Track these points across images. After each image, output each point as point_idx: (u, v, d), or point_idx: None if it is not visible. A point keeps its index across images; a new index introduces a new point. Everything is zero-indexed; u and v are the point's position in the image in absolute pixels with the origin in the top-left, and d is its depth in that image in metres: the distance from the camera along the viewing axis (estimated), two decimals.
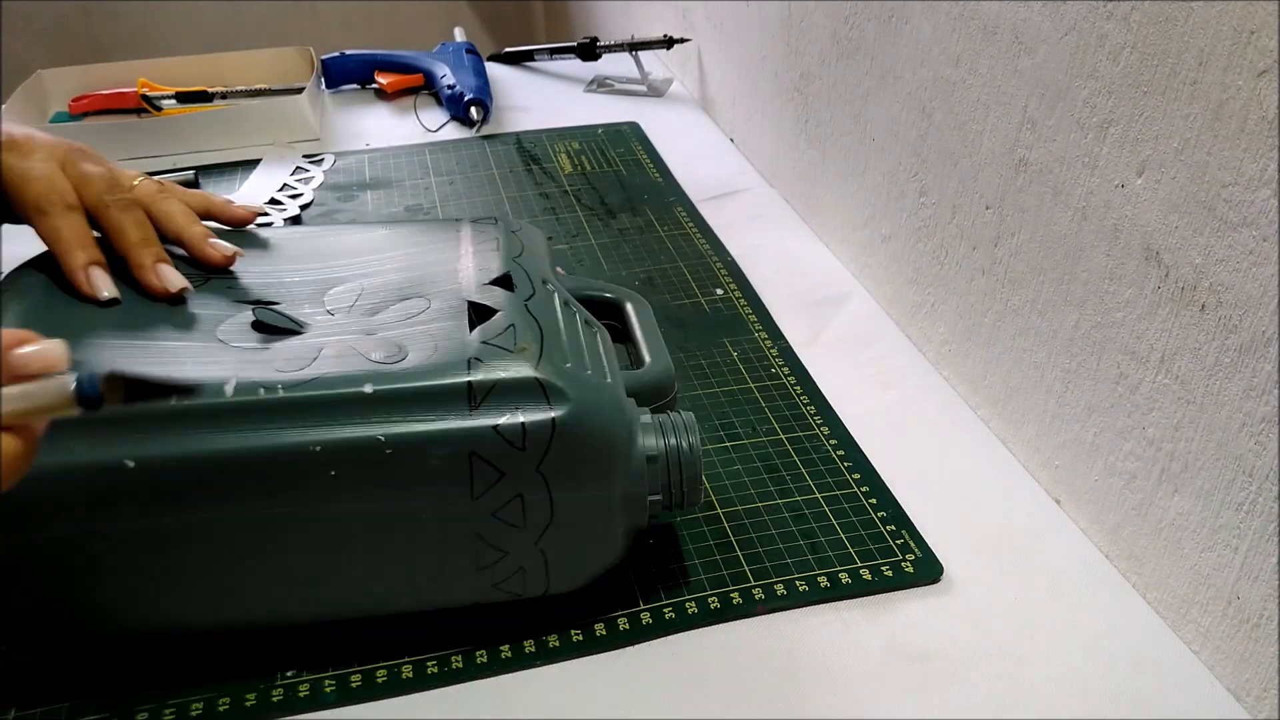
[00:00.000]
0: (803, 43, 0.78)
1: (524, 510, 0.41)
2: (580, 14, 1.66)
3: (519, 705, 0.43)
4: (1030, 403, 0.56)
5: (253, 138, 0.94)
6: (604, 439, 0.42)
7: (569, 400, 0.41)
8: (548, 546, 0.42)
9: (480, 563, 0.42)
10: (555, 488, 0.41)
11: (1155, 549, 0.48)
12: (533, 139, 0.98)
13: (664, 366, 0.53)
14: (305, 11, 1.86)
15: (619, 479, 0.43)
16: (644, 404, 0.48)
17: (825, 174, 0.78)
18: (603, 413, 0.42)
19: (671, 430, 0.45)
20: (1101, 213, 0.48)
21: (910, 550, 0.50)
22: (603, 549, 0.44)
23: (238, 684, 0.43)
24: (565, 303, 0.48)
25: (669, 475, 0.44)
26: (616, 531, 0.44)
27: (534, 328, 0.44)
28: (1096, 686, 0.44)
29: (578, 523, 0.42)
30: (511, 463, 0.40)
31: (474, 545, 0.42)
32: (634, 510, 0.44)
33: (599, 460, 0.42)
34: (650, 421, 0.45)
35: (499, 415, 0.40)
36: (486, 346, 0.42)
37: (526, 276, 0.48)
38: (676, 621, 0.47)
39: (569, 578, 0.44)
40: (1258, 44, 0.38)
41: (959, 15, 0.57)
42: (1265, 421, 0.40)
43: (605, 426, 0.42)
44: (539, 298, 0.47)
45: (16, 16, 1.69)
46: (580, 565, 0.44)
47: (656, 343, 0.55)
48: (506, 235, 0.53)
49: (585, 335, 0.46)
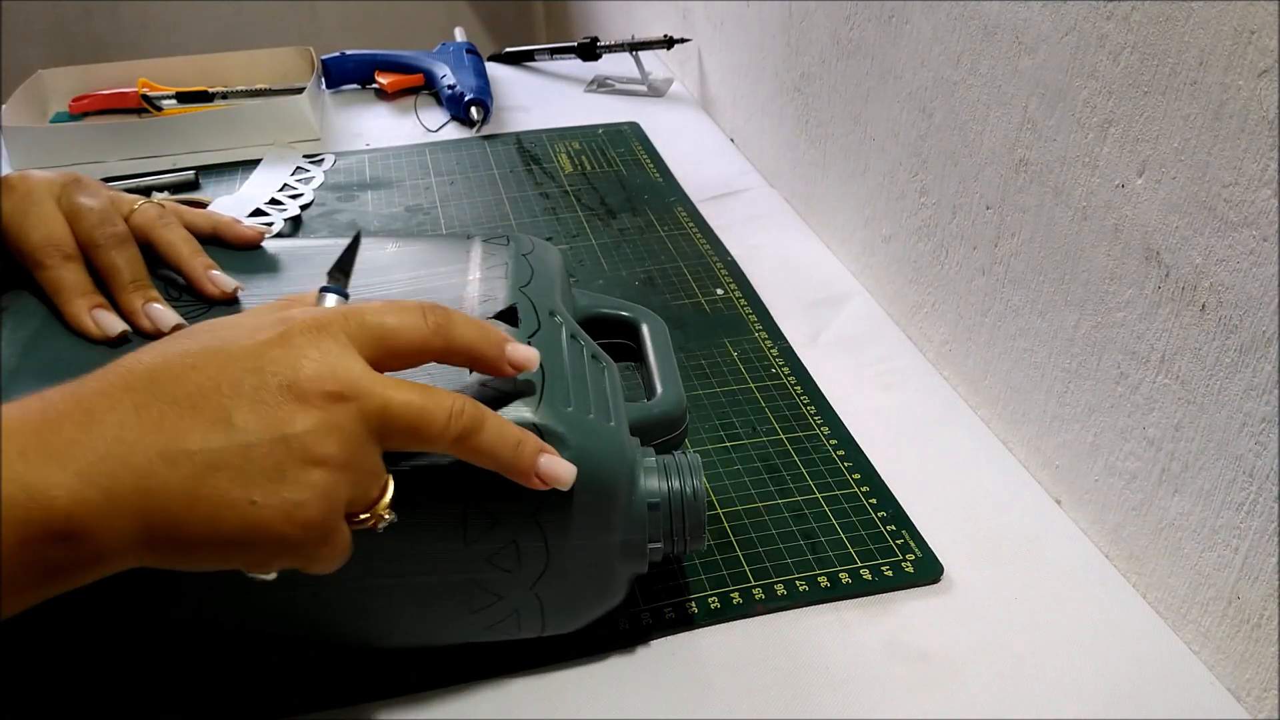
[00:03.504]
0: (803, 43, 0.78)
1: (519, 556, 0.40)
2: (580, 14, 1.66)
3: (519, 705, 0.43)
4: (1030, 403, 0.56)
5: (253, 138, 0.94)
6: (603, 486, 0.40)
7: (568, 446, 0.39)
8: (543, 591, 0.41)
9: (473, 606, 0.41)
10: (551, 535, 0.40)
11: (1155, 549, 0.48)
12: (533, 139, 0.98)
13: (675, 398, 0.50)
14: (305, 11, 1.86)
15: (618, 526, 0.41)
16: (654, 437, 0.47)
17: (825, 174, 0.78)
18: (603, 459, 0.40)
19: (676, 473, 0.43)
20: (1102, 213, 0.48)
21: (910, 550, 0.50)
22: (601, 594, 0.43)
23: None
24: (573, 336, 0.46)
25: (671, 522, 0.43)
26: (616, 577, 0.43)
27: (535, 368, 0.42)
28: (1096, 686, 0.44)
29: (575, 569, 0.41)
30: (505, 509, 0.39)
31: (467, 589, 0.41)
32: (634, 557, 0.42)
33: (597, 508, 0.40)
34: (654, 464, 0.43)
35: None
36: (485, 389, 0.40)
37: (533, 309, 0.46)
38: (676, 621, 0.47)
39: (565, 621, 0.43)
40: (1258, 44, 0.38)
41: (959, 15, 0.57)
42: (1265, 421, 0.40)
43: (605, 474, 0.40)
44: (544, 333, 0.44)
45: (16, 16, 1.69)
46: (577, 609, 0.43)
47: (670, 369, 0.52)
48: (516, 260, 0.50)
49: (591, 372, 0.44)
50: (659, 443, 0.48)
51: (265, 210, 0.83)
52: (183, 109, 1.00)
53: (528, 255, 0.51)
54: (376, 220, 0.83)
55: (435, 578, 0.40)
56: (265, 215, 0.82)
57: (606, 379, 0.45)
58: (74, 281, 0.45)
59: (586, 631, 0.45)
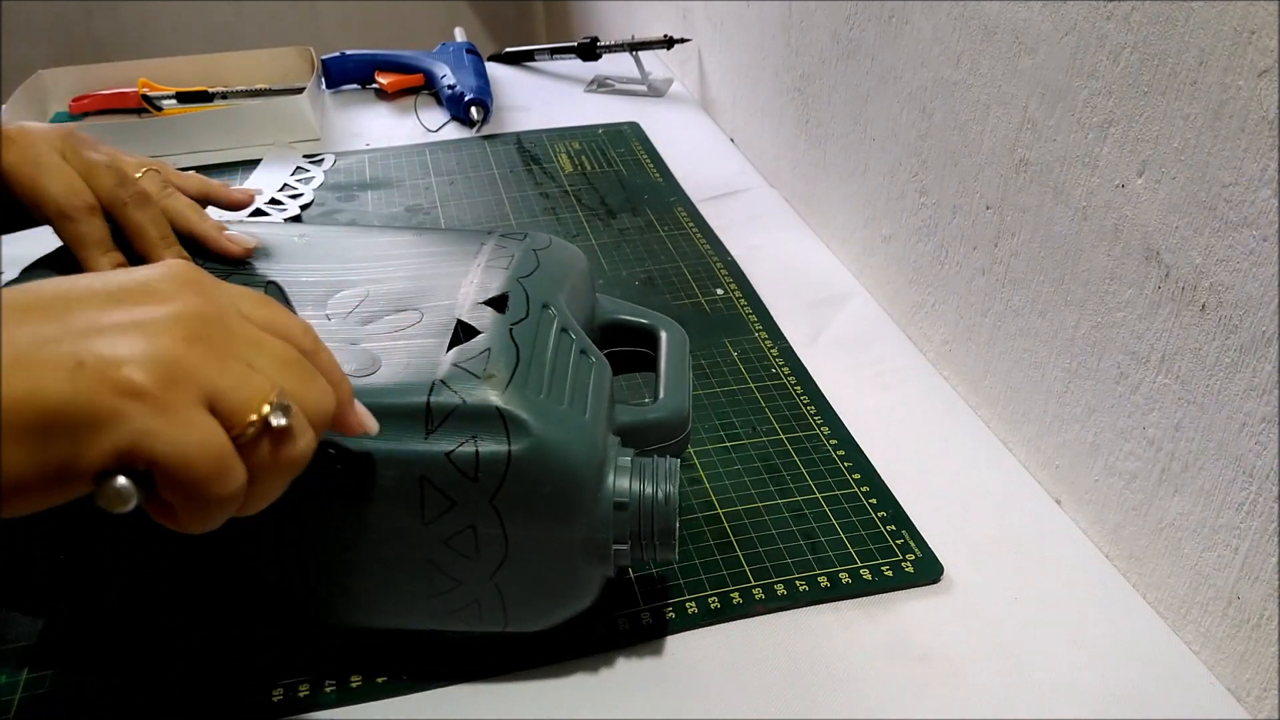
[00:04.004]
0: (803, 43, 0.78)
1: (476, 542, 0.39)
2: (580, 14, 1.66)
3: (519, 705, 0.43)
4: (1030, 403, 0.56)
5: (253, 138, 0.94)
6: (566, 478, 0.39)
7: (530, 434, 0.38)
8: (503, 583, 0.40)
9: (435, 589, 0.41)
10: (509, 523, 0.39)
11: (1155, 549, 0.48)
12: (533, 139, 0.98)
13: (676, 407, 0.48)
14: (305, 11, 1.86)
15: (580, 522, 0.40)
16: (650, 442, 0.46)
17: (825, 174, 0.78)
18: (569, 450, 0.39)
19: (650, 476, 0.42)
20: (1102, 213, 0.48)
21: (910, 550, 0.50)
22: (566, 592, 0.42)
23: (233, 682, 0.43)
24: (564, 329, 0.45)
25: (639, 525, 0.41)
26: (581, 576, 0.42)
27: (511, 354, 0.42)
28: (1096, 686, 0.44)
29: (535, 562, 0.40)
30: (463, 492, 0.38)
31: (427, 570, 0.40)
32: (598, 557, 0.41)
33: (558, 500, 0.39)
34: (628, 464, 0.42)
35: (453, 442, 0.38)
36: (456, 369, 0.40)
37: (525, 298, 0.46)
38: (676, 621, 0.47)
39: (529, 618, 0.42)
40: (1258, 44, 0.38)
41: (959, 15, 0.57)
42: (1265, 421, 0.40)
43: (569, 465, 0.39)
44: (530, 322, 0.44)
45: (16, 16, 1.69)
46: (542, 608, 0.42)
47: (679, 380, 0.50)
48: (524, 253, 0.50)
49: (577, 366, 0.44)
50: (655, 448, 0.47)
51: (265, 210, 0.83)
52: (183, 109, 1.00)
53: (539, 251, 0.51)
54: (376, 220, 0.83)
55: (395, 553, 0.40)
56: (265, 215, 0.83)
57: (592, 375, 0.44)
58: (99, 237, 0.46)
59: (586, 631, 0.45)
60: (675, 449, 0.48)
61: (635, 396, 0.61)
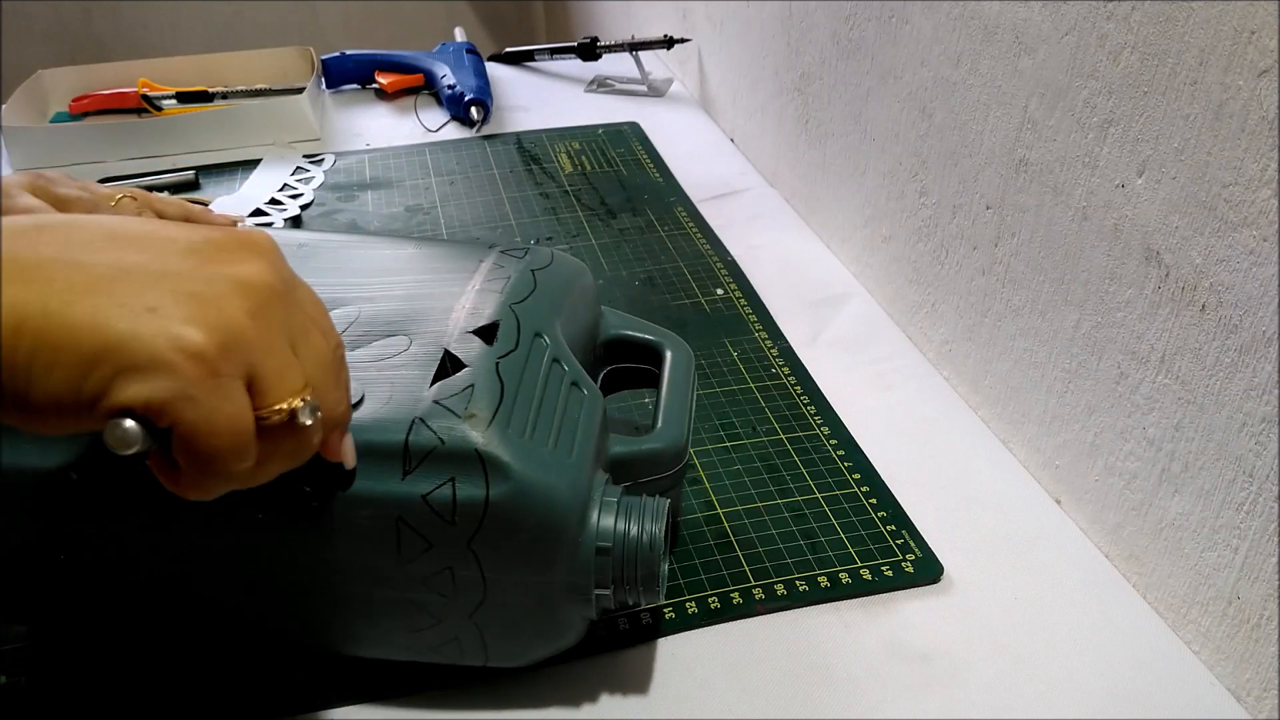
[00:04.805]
0: (803, 43, 0.78)
1: (454, 582, 0.38)
2: (580, 14, 1.66)
3: (518, 705, 0.43)
4: (1030, 403, 0.56)
5: (253, 138, 0.94)
6: (546, 523, 0.38)
7: (510, 478, 0.37)
8: (483, 622, 0.39)
9: (414, 625, 0.40)
10: (487, 565, 0.38)
11: (1155, 549, 0.48)
12: (533, 139, 0.98)
13: (674, 436, 0.47)
14: (305, 11, 1.86)
15: (561, 567, 0.39)
16: (642, 474, 0.45)
17: (825, 174, 0.78)
18: (550, 494, 0.38)
19: (636, 517, 0.40)
20: (1102, 213, 0.48)
21: (910, 550, 0.50)
22: (547, 632, 0.41)
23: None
24: (556, 359, 0.43)
25: (622, 570, 0.40)
26: (562, 618, 0.41)
27: (495, 390, 0.40)
28: (1096, 686, 0.44)
29: (515, 603, 0.39)
30: (440, 535, 0.37)
31: (406, 609, 0.39)
32: (579, 601, 0.40)
33: (538, 545, 0.38)
34: (614, 503, 0.41)
35: (430, 484, 0.37)
36: (437, 407, 0.39)
37: (516, 327, 0.44)
38: (676, 621, 0.47)
39: (510, 655, 0.42)
40: (1258, 44, 0.38)
41: (959, 15, 0.57)
42: (1265, 421, 0.40)
43: (550, 510, 0.38)
44: (518, 354, 0.42)
45: (16, 16, 1.69)
46: (523, 646, 0.41)
47: (678, 404, 0.48)
48: (521, 275, 0.47)
49: (567, 400, 0.42)
50: (651, 480, 0.46)
51: (265, 210, 0.83)
52: (183, 109, 1.00)
53: (537, 270, 0.48)
54: (376, 220, 0.83)
55: (374, 590, 0.39)
56: (265, 215, 0.82)
57: (582, 409, 0.42)
58: None
59: (586, 631, 0.45)
60: (670, 480, 0.47)
61: (638, 413, 0.60)
